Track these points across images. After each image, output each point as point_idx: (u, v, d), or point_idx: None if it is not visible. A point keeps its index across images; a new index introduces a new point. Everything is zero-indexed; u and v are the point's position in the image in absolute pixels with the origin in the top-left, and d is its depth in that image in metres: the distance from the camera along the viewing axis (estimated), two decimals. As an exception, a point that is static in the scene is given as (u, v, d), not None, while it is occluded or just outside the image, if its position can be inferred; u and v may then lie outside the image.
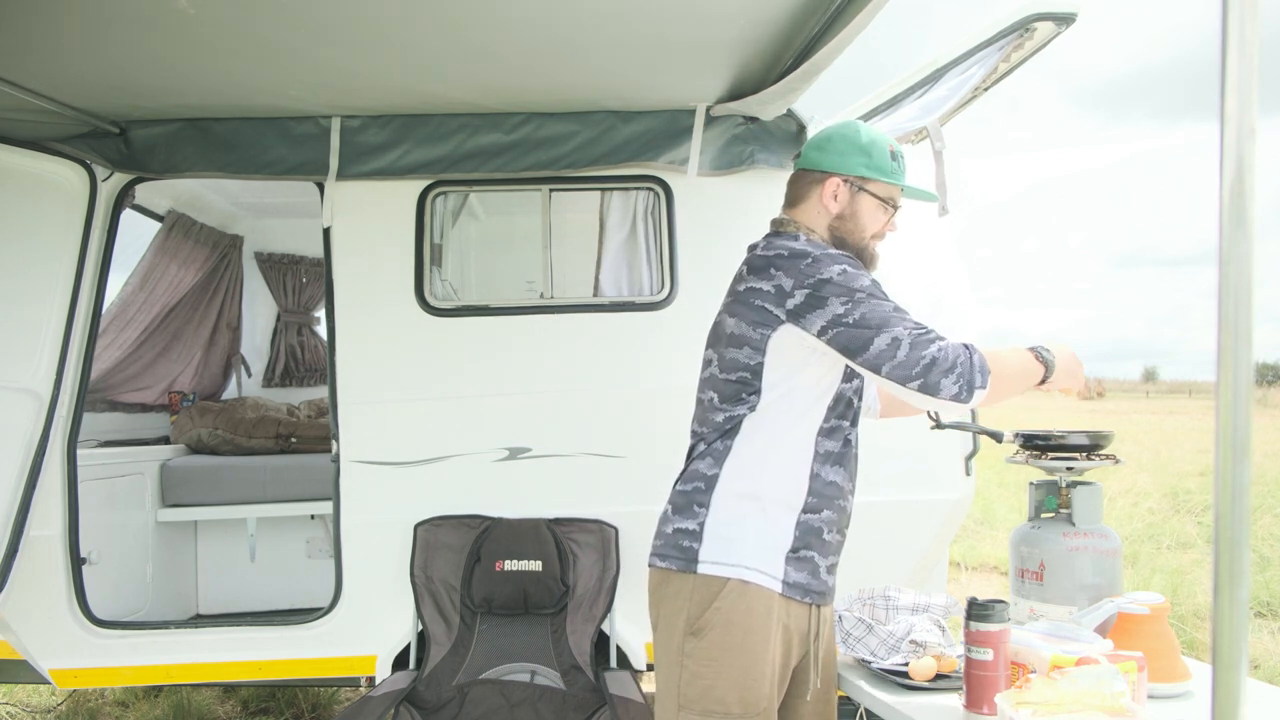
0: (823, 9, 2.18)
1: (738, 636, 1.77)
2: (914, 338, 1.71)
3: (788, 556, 1.82)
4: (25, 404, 2.85)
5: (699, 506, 1.84)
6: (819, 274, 1.76)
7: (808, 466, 1.83)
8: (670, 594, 1.84)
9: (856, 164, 1.89)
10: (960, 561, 6.91)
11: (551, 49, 2.47)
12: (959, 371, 1.69)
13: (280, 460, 4.10)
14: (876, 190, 1.90)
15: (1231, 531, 1.06)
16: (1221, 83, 1.06)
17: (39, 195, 2.93)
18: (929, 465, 3.01)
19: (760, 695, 1.77)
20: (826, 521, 1.85)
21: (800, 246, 1.81)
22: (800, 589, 1.83)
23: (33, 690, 4.27)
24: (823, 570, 1.87)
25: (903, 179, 1.93)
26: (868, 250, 1.91)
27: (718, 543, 1.81)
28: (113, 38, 2.30)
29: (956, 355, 1.70)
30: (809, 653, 1.87)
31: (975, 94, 3.31)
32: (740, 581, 1.78)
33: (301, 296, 5.10)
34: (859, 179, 1.89)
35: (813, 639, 1.87)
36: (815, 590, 1.85)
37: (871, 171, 1.89)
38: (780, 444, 1.83)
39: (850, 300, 1.73)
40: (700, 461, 1.87)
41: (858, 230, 1.90)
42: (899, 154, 1.92)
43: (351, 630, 3.02)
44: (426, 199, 3.07)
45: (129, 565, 3.71)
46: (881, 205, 1.91)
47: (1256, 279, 1.07)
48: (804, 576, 1.83)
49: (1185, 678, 1.74)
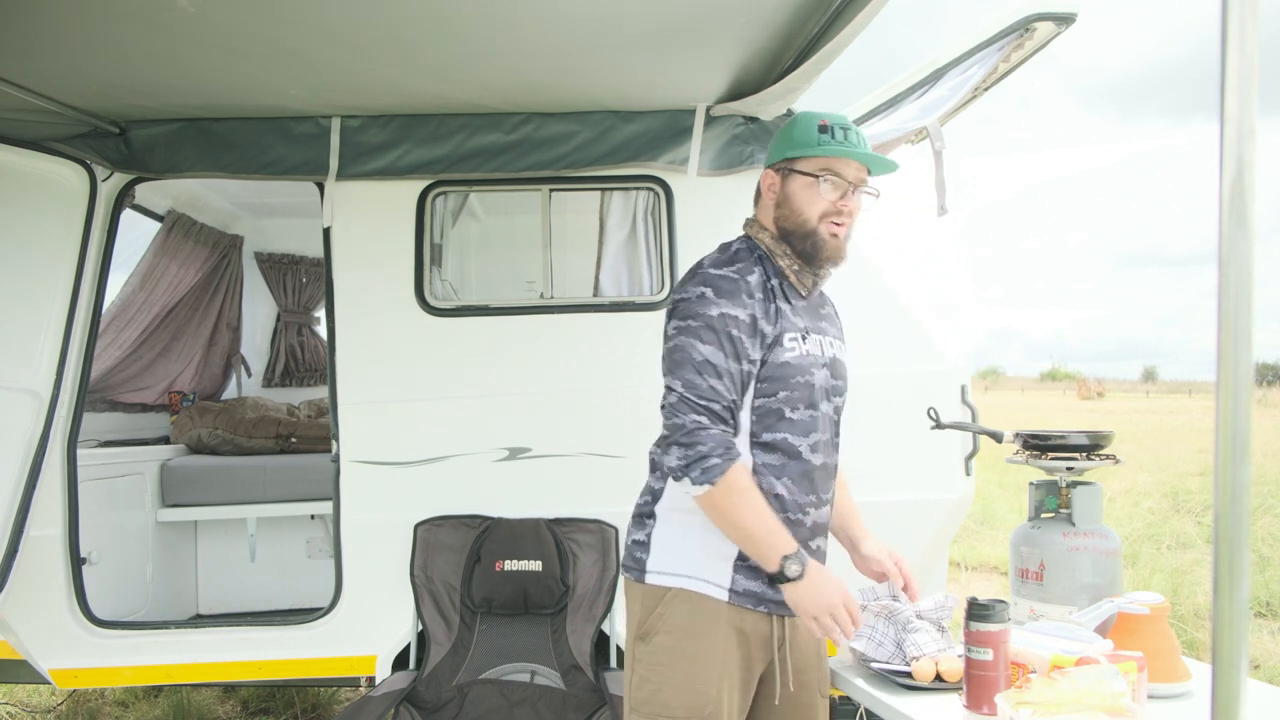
0: (823, 9, 2.18)
1: (682, 643, 1.77)
2: (682, 398, 1.73)
3: (736, 565, 1.79)
4: (25, 404, 2.85)
5: (648, 519, 1.87)
6: (683, 288, 1.81)
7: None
8: (630, 601, 1.88)
9: (781, 149, 1.87)
10: (960, 561, 6.91)
11: (552, 49, 2.47)
12: (690, 455, 1.69)
13: (280, 460, 4.10)
14: (804, 168, 1.83)
15: (1231, 531, 1.06)
16: (1221, 83, 1.06)
17: (39, 195, 2.93)
18: (929, 465, 3.01)
19: (706, 700, 1.75)
20: None
21: (708, 256, 1.86)
22: (753, 597, 1.80)
23: (33, 690, 4.27)
24: None
25: (836, 148, 1.80)
26: (817, 235, 1.82)
27: (663, 553, 1.83)
28: (113, 37, 2.30)
29: (700, 441, 1.69)
30: (774, 660, 1.84)
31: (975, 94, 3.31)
32: (684, 590, 1.79)
33: (301, 296, 5.10)
34: (785, 162, 1.86)
35: (777, 646, 1.83)
36: (773, 599, 1.80)
37: (794, 150, 1.83)
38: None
39: (681, 325, 1.77)
40: (651, 475, 1.91)
41: (795, 215, 1.83)
42: (836, 126, 1.82)
43: (351, 630, 3.02)
44: (426, 199, 3.07)
45: (129, 565, 3.71)
46: (814, 181, 1.82)
47: (1256, 279, 1.07)
48: (757, 585, 1.79)
49: (1185, 678, 1.74)
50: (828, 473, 1.88)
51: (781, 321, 1.80)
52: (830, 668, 2.02)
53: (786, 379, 1.78)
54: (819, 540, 1.89)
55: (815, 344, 1.85)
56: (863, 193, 1.86)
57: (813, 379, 1.81)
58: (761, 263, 1.86)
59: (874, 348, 3.05)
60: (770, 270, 1.86)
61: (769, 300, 1.81)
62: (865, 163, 1.84)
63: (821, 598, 1.70)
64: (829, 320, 1.97)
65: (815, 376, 1.82)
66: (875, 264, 3.09)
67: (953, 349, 3.10)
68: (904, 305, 3.07)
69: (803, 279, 1.88)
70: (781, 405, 1.79)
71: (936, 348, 3.06)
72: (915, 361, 3.03)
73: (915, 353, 3.04)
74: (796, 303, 1.86)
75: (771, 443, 1.79)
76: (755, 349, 1.77)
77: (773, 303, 1.81)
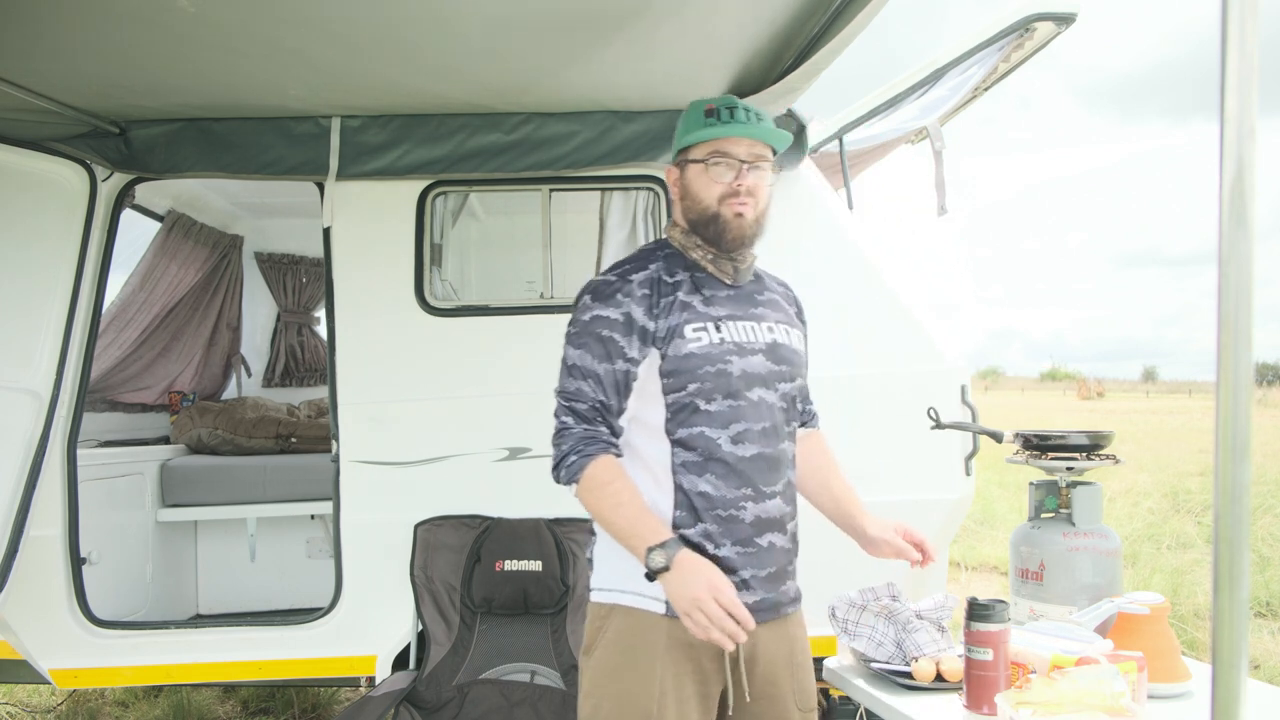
0: (823, 9, 2.18)
1: (620, 659, 1.73)
2: (558, 402, 1.80)
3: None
4: (25, 404, 2.84)
5: (592, 534, 1.86)
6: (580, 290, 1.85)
7: (670, 479, 1.75)
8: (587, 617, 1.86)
9: (676, 143, 1.86)
10: (960, 561, 6.91)
11: (551, 49, 2.47)
12: (555, 455, 1.77)
13: (280, 460, 4.10)
14: (695, 155, 1.81)
15: (1231, 531, 1.06)
16: (1221, 83, 1.06)
17: (39, 195, 2.93)
18: (929, 465, 3.01)
19: (646, 717, 1.70)
20: (707, 535, 1.73)
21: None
22: None
23: (33, 690, 4.27)
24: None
25: (721, 129, 1.77)
26: (720, 218, 1.78)
27: (603, 569, 1.81)
28: (113, 37, 2.30)
29: (563, 440, 1.76)
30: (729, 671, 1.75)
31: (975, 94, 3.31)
32: (622, 606, 1.75)
33: (301, 296, 5.10)
34: (680, 155, 1.85)
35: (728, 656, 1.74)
36: None
37: (685, 139, 1.82)
38: (642, 458, 1.79)
39: (571, 327, 1.82)
40: None
41: (696, 204, 1.81)
42: (722, 107, 1.79)
43: (351, 630, 3.02)
44: (426, 199, 3.07)
45: (129, 565, 3.71)
46: (704, 165, 1.79)
47: (1256, 279, 1.07)
48: None
49: (1185, 678, 1.74)
50: (768, 463, 1.77)
51: (682, 314, 1.76)
52: (830, 668, 2.02)
53: (693, 370, 1.73)
54: (772, 536, 1.77)
55: (739, 331, 1.79)
56: (760, 168, 1.80)
57: (729, 368, 1.75)
58: (667, 260, 1.84)
59: (874, 348, 3.05)
60: (680, 265, 1.83)
61: (660, 295, 1.77)
62: (751, 136, 1.78)
63: (687, 591, 1.60)
64: (771, 306, 1.90)
65: (735, 365, 1.75)
66: (875, 264, 3.09)
67: (953, 349, 3.10)
68: (904, 305, 3.07)
69: (722, 267, 1.84)
70: (694, 398, 1.74)
71: (936, 348, 3.06)
72: (915, 361, 3.03)
73: (915, 353, 3.04)
74: (717, 292, 1.82)
75: (688, 439, 1.74)
76: (634, 347, 1.75)
77: (669, 296, 1.77)
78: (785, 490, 1.81)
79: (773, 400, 1.80)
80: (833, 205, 3.13)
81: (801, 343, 1.93)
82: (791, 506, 1.84)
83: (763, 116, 1.82)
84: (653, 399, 1.77)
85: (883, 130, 3.43)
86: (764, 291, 1.92)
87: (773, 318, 1.87)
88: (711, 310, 1.79)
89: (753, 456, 1.75)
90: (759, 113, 1.81)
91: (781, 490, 1.80)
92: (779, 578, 1.80)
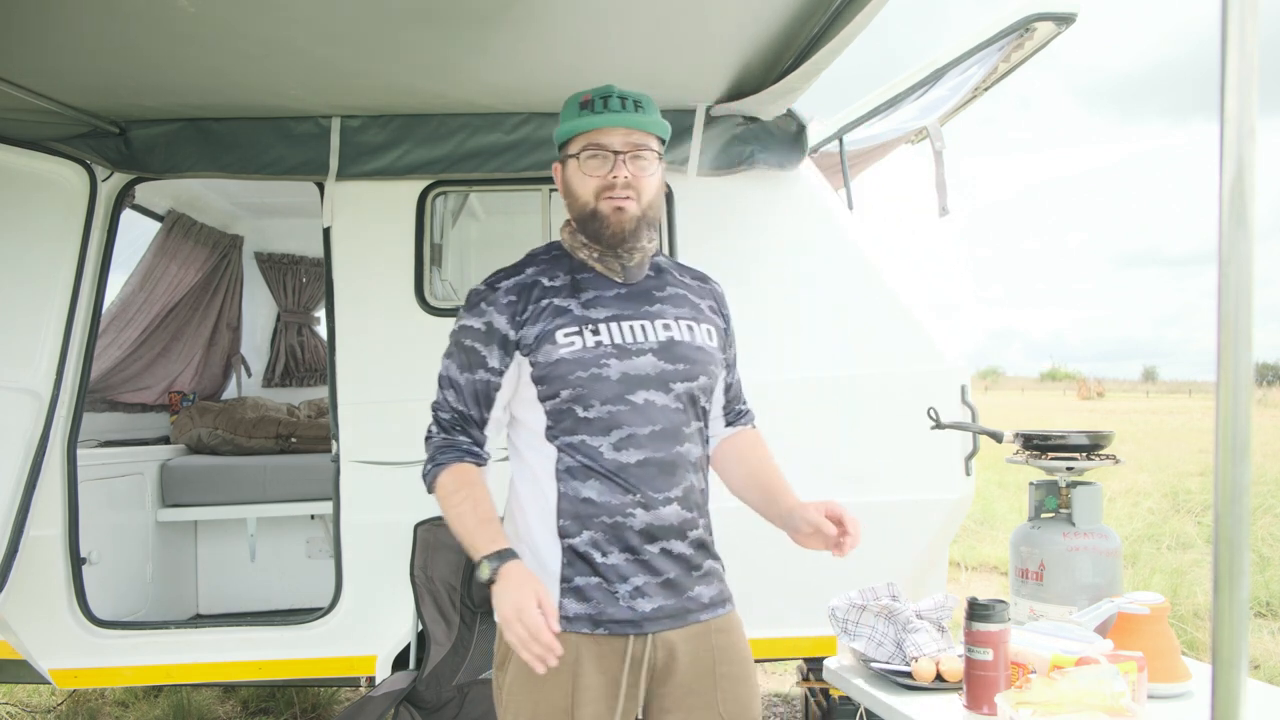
0: (823, 9, 2.18)
1: (528, 674, 1.63)
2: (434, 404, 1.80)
3: (563, 588, 1.68)
4: (25, 404, 2.84)
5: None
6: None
7: (554, 487, 1.70)
8: None
9: (556, 141, 1.80)
10: (960, 561, 6.91)
11: (551, 49, 2.47)
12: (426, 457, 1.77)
13: (280, 460, 4.10)
14: (571, 150, 1.74)
15: (1231, 531, 1.06)
16: (1221, 83, 1.06)
17: (39, 195, 2.93)
18: (929, 465, 3.01)
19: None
20: (594, 544, 1.67)
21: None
22: (588, 620, 1.66)
23: (33, 690, 4.27)
24: (623, 595, 1.67)
25: (591, 120, 1.70)
26: (598, 213, 1.71)
27: None
28: (113, 37, 2.30)
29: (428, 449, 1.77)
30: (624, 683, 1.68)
31: (975, 94, 3.31)
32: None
33: (301, 296, 5.10)
34: (560, 152, 1.78)
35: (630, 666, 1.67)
36: (613, 619, 1.66)
37: (561, 135, 1.76)
38: (528, 465, 1.75)
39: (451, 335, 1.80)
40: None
41: (575, 200, 1.74)
42: (597, 98, 1.73)
43: (351, 630, 3.02)
44: (426, 199, 3.07)
45: (129, 565, 3.71)
46: (579, 159, 1.72)
47: (1256, 279, 1.07)
48: (588, 607, 1.67)
49: (1185, 678, 1.74)
50: (660, 468, 1.68)
51: (554, 319, 1.70)
52: (830, 668, 2.02)
53: (564, 376, 1.67)
54: (667, 543, 1.69)
55: (624, 332, 1.71)
56: (642, 158, 1.71)
57: (605, 371, 1.67)
58: (552, 262, 1.78)
59: (874, 348, 3.05)
60: (564, 267, 1.77)
61: (529, 301, 1.72)
62: (626, 126, 1.70)
63: (502, 607, 1.54)
64: (673, 302, 1.79)
65: (613, 368, 1.67)
66: (875, 264, 3.09)
67: (953, 349, 3.10)
68: (904, 305, 3.07)
69: (609, 265, 1.76)
70: (570, 405, 1.68)
71: (936, 348, 3.06)
72: (915, 361, 3.03)
73: (915, 353, 3.04)
74: (603, 292, 1.74)
75: (570, 445, 1.69)
76: (495, 356, 1.72)
77: (542, 301, 1.72)
78: (686, 496, 1.72)
79: (665, 402, 1.70)
80: (833, 205, 3.13)
81: (713, 338, 1.81)
82: (694, 512, 1.73)
83: (643, 105, 1.74)
84: (532, 405, 1.72)
85: (883, 130, 3.43)
86: (665, 287, 1.81)
87: (672, 314, 1.77)
88: (591, 313, 1.71)
89: (639, 462, 1.67)
90: (640, 100, 1.74)
91: (680, 496, 1.70)
92: (680, 585, 1.71)
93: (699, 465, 1.77)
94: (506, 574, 1.57)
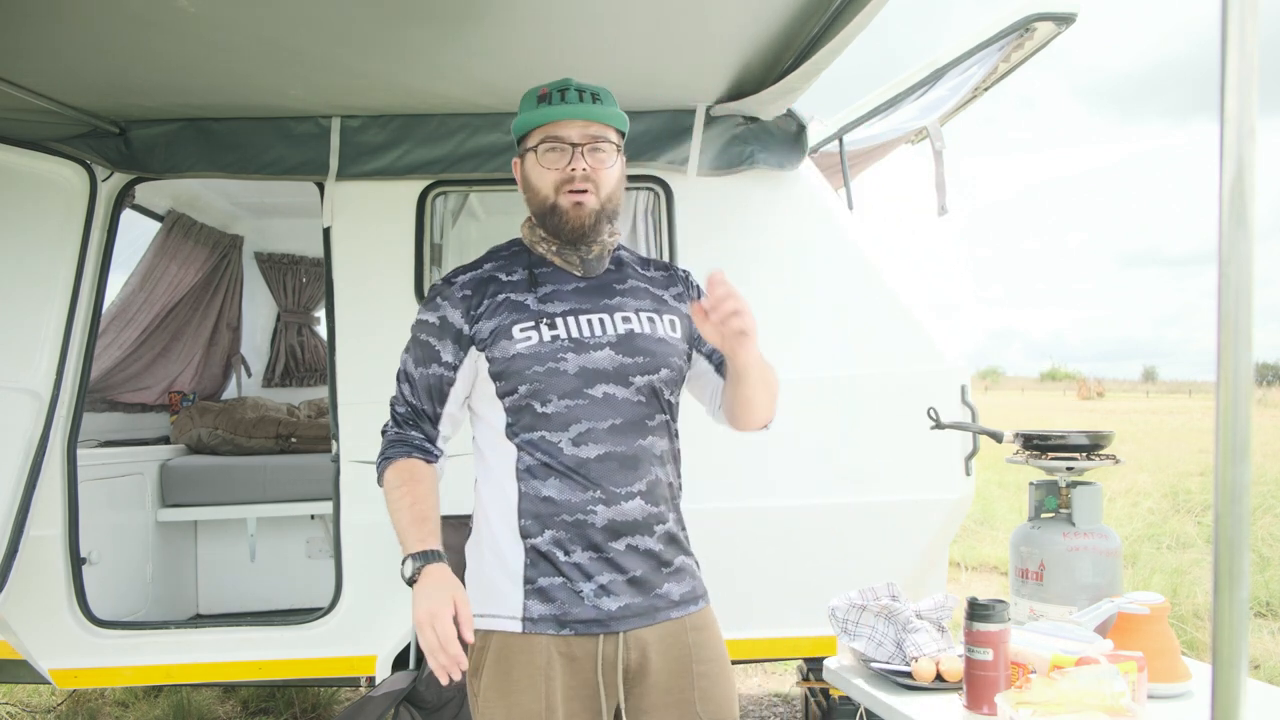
0: (823, 9, 2.18)
1: (498, 682, 1.64)
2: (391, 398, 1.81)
3: (525, 590, 1.66)
4: (25, 404, 2.85)
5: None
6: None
7: (514, 485, 1.68)
8: None
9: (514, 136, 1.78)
10: (960, 561, 6.91)
11: (551, 49, 2.47)
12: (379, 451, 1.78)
13: (280, 460, 4.10)
14: (529, 143, 1.73)
15: (1231, 531, 1.06)
16: (1221, 83, 1.06)
17: (39, 195, 2.93)
18: (929, 465, 3.01)
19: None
20: (557, 543, 1.65)
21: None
22: (553, 622, 1.64)
23: (33, 690, 4.27)
24: (588, 594, 1.64)
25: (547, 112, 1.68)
26: (557, 208, 1.70)
27: (474, 594, 1.70)
28: (113, 37, 2.30)
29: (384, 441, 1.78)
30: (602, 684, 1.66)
31: (975, 94, 3.31)
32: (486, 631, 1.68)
33: (301, 296, 5.10)
34: (519, 146, 1.77)
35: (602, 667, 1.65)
36: (578, 619, 1.64)
37: (519, 130, 1.75)
38: (488, 464, 1.74)
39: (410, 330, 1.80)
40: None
41: (535, 197, 1.73)
42: (554, 90, 1.71)
43: (351, 630, 3.02)
44: (426, 199, 3.07)
45: (129, 565, 3.71)
46: (538, 152, 1.70)
47: (1256, 279, 1.07)
48: (553, 608, 1.64)
49: (1185, 678, 1.74)
50: (620, 463, 1.65)
51: (510, 314, 1.68)
52: (830, 668, 2.02)
53: (521, 372, 1.65)
54: (632, 539, 1.66)
55: (582, 326, 1.69)
56: (600, 150, 1.69)
57: (563, 365, 1.65)
58: (511, 257, 1.78)
59: (874, 348, 3.05)
60: (523, 262, 1.76)
61: (485, 296, 1.71)
62: (584, 118, 1.68)
63: (416, 610, 1.54)
64: (633, 294, 1.76)
65: (570, 363, 1.65)
66: (875, 264, 3.09)
67: (953, 349, 3.10)
68: (904, 305, 3.07)
69: (568, 259, 1.74)
70: (529, 401, 1.66)
71: (936, 348, 3.06)
72: (915, 361, 3.03)
73: (915, 353, 3.04)
74: (562, 286, 1.73)
75: (531, 442, 1.67)
76: (448, 350, 1.72)
77: (498, 296, 1.71)
78: (650, 490, 1.68)
79: (625, 395, 1.67)
80: (833, 205, 3.13)
81: (676, 329, 1.77)
82: (661, 507, 1.70)
83: (601, 97, 1.71)
84: (492, 402, 1.71)
85: (883, 130, 3.43)
86: (625, 280, 1.78)
87: (632, 307, 1.74)
88: (548, 307, 1.70)
89: (599, 457, 1.64)
90: (597, 92, 1.71)
91: (644, 490, 1.67)
92: (648, 583, 1.68)
93: (666, 458, 1.74)
94: (427, 575, 1.58)
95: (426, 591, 1.56)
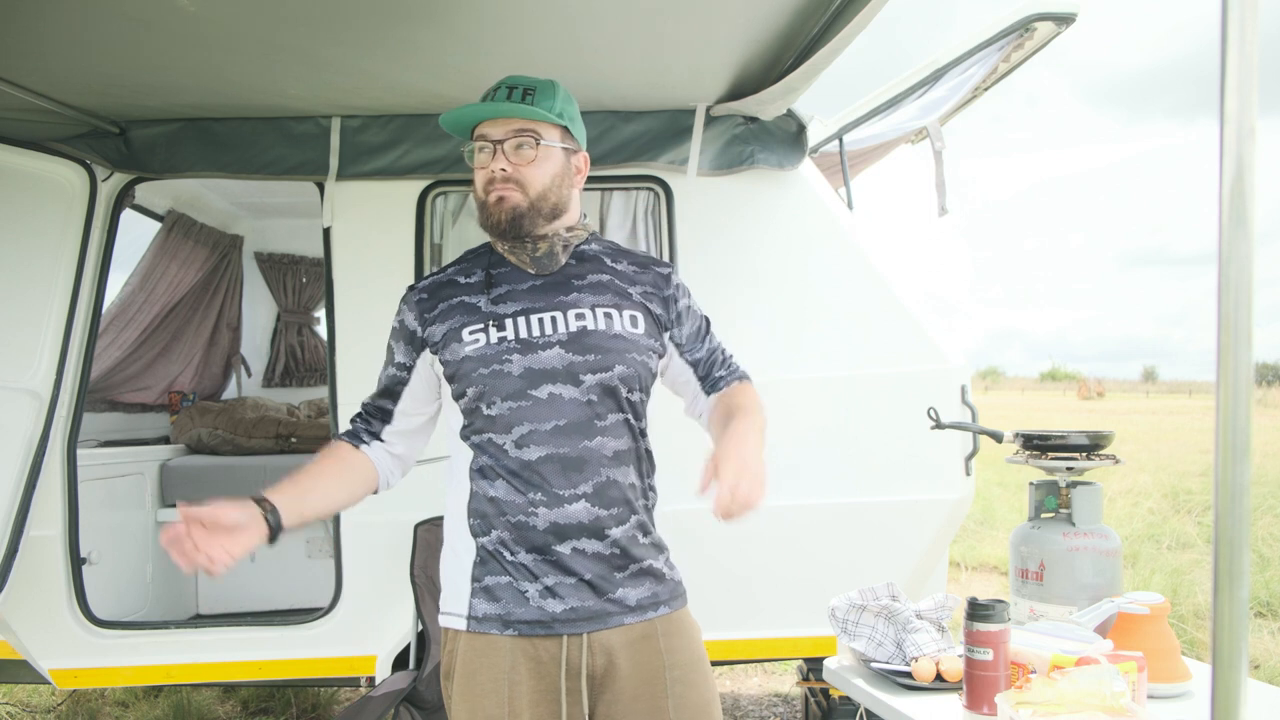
0: (823, 9, 2.18)
1: (463, 683, 1.64)
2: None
3: (473, 587, 1.66)
4: (25, 404, 2.85)
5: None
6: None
7: (467, 485, 1.69)
8: None
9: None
10: (960, 561, 6.91)
11: (552, 48, 2.47)
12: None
13: (280, 460, 4.10)
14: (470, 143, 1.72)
15: (1231, 531, 1.06)
16: (1221, 83, 1.06)
17: (39, 195, 2.93)
18: (929, 465, 3.01)
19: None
20: (502, 542, 1.64)
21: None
22: (498, 621, 1.63)
23: (33, 690, 4.27)
24: (533, 595, 1.62)
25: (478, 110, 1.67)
26: (486, 205, 1.67)
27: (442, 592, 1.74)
28: (113, 37, 2.30)
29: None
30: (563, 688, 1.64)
31: (975, 94, 3.31)
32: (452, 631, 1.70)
33: (301, 296, 5.10)
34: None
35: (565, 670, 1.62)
36: (521, 620, 1.62)
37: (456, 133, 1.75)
38: (451, 465, 1.76)
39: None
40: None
41: (476, 196, 1.72)
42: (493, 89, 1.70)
43: (351, 630, 3.02)
44: (426, 199, 3.07)
45: (129, 565, 3.71)
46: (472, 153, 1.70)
47: (1256, 279, 1.07)
48: (497, 607, 1.63)
49: (1185, 678, 1.74)
50: (564, 464, 1.62)
51: (461, 316, 1.68)
52: (830, 668, 2.02)
53: (469, 374, 1.65)
54: (578, 542, 1.62)
55: (531, 326, 1.66)
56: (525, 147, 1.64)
57: (509, 367, 1.63)
58: (474, 259, 1.78)
59: (874, 348, 3.05)
60: (483, 264, 1.75)
61: (439, 300, 1.72)
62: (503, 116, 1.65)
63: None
64: (591, 290, 1.71)
65: (514, 364, 1.63)
66: (875, 264, 3.09)
67: (953, 349, 3.10)
68: (904, 305, 3.07)
69: (520, 257, 1.72)
70: (477, 403, 1.66)
71: (937, 348, 3.06)
72: (915, 361, 3.03)
73: (915, 353, 3.04)
74: (517, 286, 1.70)
75: (479, 445, 1.68)
76: (402, 352, 1.77)
77: (452, 299, 1.71)
78: (599, 492, 1.63)
79: (573, 395, 1.63)
80: (833, 205, 3.13)
81: (638, 324, 1.71)
82: (615, 509, 1.64)
83: (536, 91, 1.67)
84: (450, 404, 1.73)
85: (883, 130, 3.43)
86: (586, 275, 1.73)
87: (589, 302, 1.69)
88: (500, 308, 1.68)
89: (541, 459, 1.62)
90: (532, 87, 1.67)
91: (590, 493, 1.62)
92: (601, 587, 1.63)
93: (624, 459, 1.67)
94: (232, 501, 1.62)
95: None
